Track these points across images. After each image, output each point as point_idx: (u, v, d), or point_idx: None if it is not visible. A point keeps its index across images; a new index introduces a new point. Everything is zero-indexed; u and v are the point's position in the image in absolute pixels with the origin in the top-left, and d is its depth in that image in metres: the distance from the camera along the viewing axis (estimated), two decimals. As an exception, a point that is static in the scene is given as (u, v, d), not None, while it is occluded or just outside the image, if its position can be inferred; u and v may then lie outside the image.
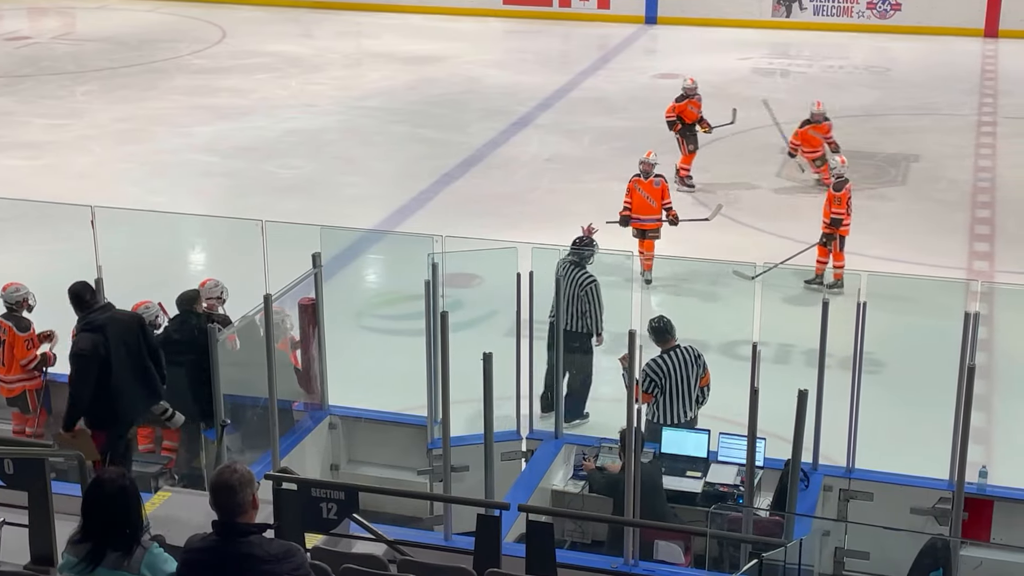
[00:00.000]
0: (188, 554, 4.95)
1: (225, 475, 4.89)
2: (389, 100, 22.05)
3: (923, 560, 7.14)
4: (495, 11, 29.31)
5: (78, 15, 30.13)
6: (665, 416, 9.45)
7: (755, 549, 7.06)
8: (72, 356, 8.30)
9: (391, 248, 14.97)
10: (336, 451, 9.82)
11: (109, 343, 8.17)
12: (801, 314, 9.73)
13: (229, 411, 8.55)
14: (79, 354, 8.17)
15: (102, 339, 8.16)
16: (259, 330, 8.79)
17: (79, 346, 8.21)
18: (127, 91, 22.55)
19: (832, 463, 8.92)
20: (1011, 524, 8.44)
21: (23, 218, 14.88)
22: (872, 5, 27.67)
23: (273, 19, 29.19)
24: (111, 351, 8.16)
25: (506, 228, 14.61)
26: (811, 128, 16.48)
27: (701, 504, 8.59)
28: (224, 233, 14.21)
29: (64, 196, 14.16)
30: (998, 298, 12.84)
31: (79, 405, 8.18)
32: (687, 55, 25.49)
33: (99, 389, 8.15)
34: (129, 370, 8.26)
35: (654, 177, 13.83)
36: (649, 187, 13.76)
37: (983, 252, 14.93)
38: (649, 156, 13.98)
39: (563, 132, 20.00)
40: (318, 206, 16.09)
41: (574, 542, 8.60)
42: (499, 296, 10.07)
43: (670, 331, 9.53)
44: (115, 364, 8.18)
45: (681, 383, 9.45)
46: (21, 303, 10.00)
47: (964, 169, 18.03)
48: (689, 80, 17.39)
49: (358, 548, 7.18)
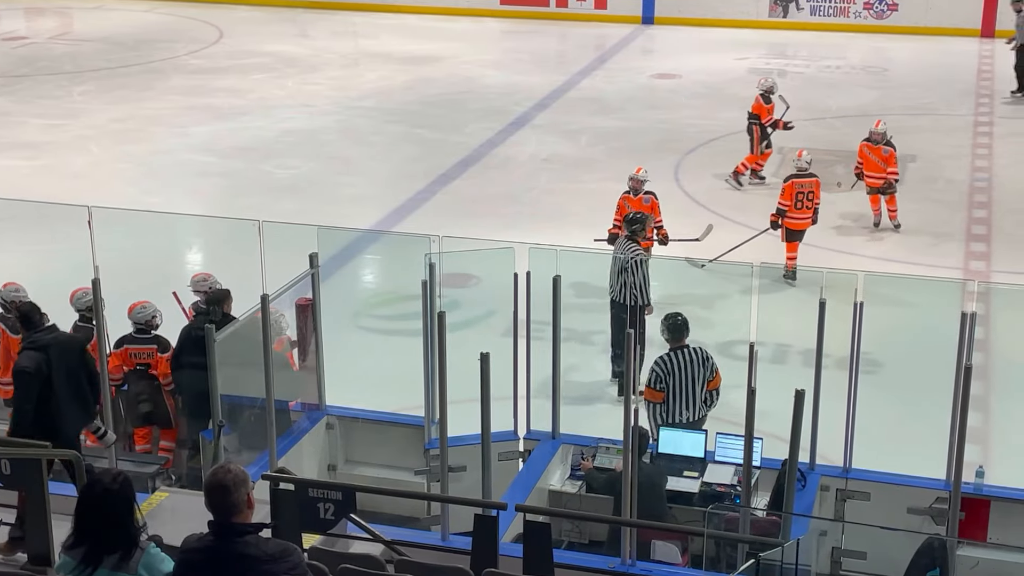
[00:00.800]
0: (185, 554, 4.94)
1: (219, 475, 4.88)
2: (386, 100, 22.05)
3: (920, 560, 7.15)
4: (492, 11, 29.30)
5: (75, 15, 30.11)
6: (670, 415, 9.47)
7: (752, 549, 7.06)
8: (15, 373, 8.38)
9: (388, 248, 14.97)
10: (333, 451, 9.82)
11: (51, 363, 8.25)
12: (798, 314, 9.72)
13: (226, 411, 8.54)
14: (22, 371, 8.27)
15: (44, 358, 8.24)
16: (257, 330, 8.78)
17: (22, 364, 8.30)
18: (124, 91, 22.54)
19: (829, 463, 8.92)
20: (1008, 524, 8.44)
21: (20, 218, 14.86)
22: (869, 5, 27.68)
23: (270, 19, 29.18)
24: (52, 371, 8.24)
25: (503, 228, 14.60)
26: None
27: (698, 504, 8.59)
28: (221, 233, 14.21)
29: (61, 196, 14.16)
30: (995, 298, 12.86)
31: (23, 422, 8.24)
32: (684, 55, 25.50)
33: (40, 405, 8.22)
34: (68, 390, 8.35)
35: (644, 194, 13.04)
36: (638, 204, 12.89)
37: (980, 252, 14.94)
38: (639, 172, 13.19)
39: (560, 132, 20.00)
40: (315, 206, 16.09)
41: (571, 542, 8.59)
42: (496, 296, 10.07)
43: (685, 329, 9.54)
44: (56, 383, 8.29)
45: (686, 382, 9.44)
46: (15, 304, 9.96)
47: (961, 169, 18.05)
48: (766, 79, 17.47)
49: (355, 548, 7.18)
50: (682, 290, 13.09)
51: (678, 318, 9.61)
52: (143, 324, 9.83)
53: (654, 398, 9.52)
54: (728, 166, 17.45)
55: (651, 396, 9.55)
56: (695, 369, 9.47)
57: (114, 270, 9.47)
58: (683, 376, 9.45)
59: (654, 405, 9.55)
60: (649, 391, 9.56)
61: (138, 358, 9.82)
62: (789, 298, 13.17)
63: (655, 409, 9.56)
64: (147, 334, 9.84)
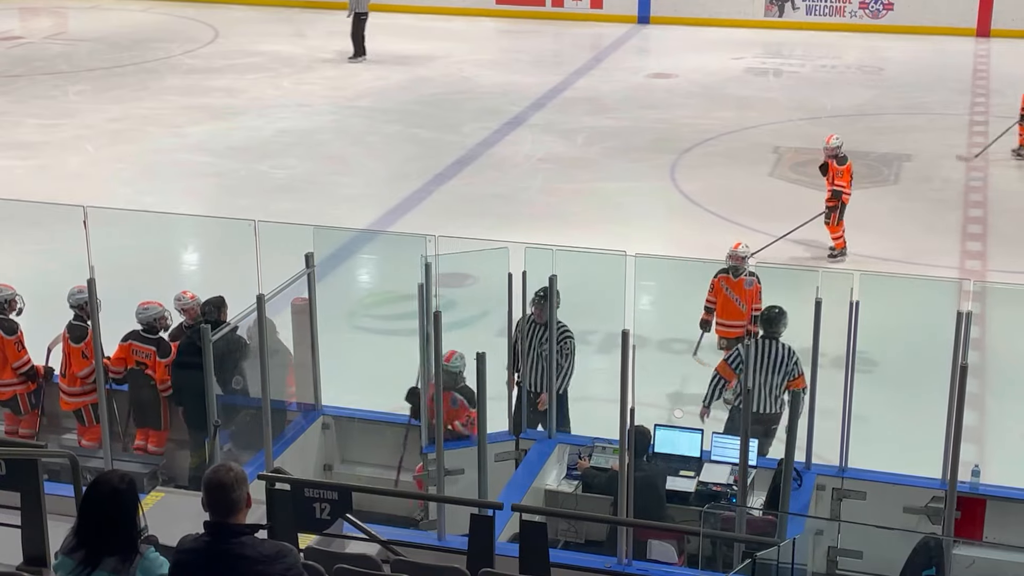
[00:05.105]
0: (180, 555, 4.93)
1: (220, 473, 4.88)
2: (382, 100, 22.04)
3: (916, 559, 7.16)
4: (488, 11, 29.30)
5: (70, 15, 30.07)
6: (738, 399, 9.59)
7: (748, 548, 7.06)
8: None
9: (384, 248, 14.96)
10: (329, 451, 9.82)
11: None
12: (794, 313, 9.72)
13: (221, 411, 8.54)
14: None
15: None
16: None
17: None
18: (120, 91, 22.51)
19: (825, 462, 8.93)
20: (1003, 523, 8.45)
21: (16, 218, 14.85)
22: (864, 5, 27.70)
23: (266, 19, 29.16)
24: None
25: (500, 228, 14.59)
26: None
27: (694, 503, 8.59)
28: (217, 233, 14.20)
29: (57, 196, 14.14)
30: (990, 297, 12.88)
31: None
32: (680, 55, 25.52)
33: None
34: None
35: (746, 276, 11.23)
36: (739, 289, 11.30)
37: (975, 251, 14.95)
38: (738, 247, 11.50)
39: (556, 132, 20.00)
40: (311, 206, 16.08)
41: (568, 542, 8.60)
42: (491, 296, 10.06)
43: (778, 323, 9.57)
44: None
45: (763, 373, 9.50)
46: (9, 304, 9.96)
47: (957, 168, 18.06)
48: None
49: (351, 548, 7.17)
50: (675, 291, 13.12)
51: (775, 310, 9.65)
52: (146, 324, 9.81)
53: (726, 375, 9.69)
54: (727, 166, 17.45)
55: (723, 371, 9.73)
56: (774, 363, 9.52)
57: (110, 270, 9.48)
58: (760, 366, 9.51)
59: (723, 381, 9.70)
60: (724, 365, 9.75)
61: (138, 356, 9.81)
62: (788, 298, 13.16)
63: (722, 384, 9.70)
64: (152, 334, 9.83)
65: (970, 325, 8.21)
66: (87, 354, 9.62)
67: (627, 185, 17.33)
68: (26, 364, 9.97)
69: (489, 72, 24.12)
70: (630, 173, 17.82)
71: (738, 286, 11.25)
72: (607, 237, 13.92)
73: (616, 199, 16.63)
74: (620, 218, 15.73)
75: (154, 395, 9.79)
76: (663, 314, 12.94)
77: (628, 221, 15.63)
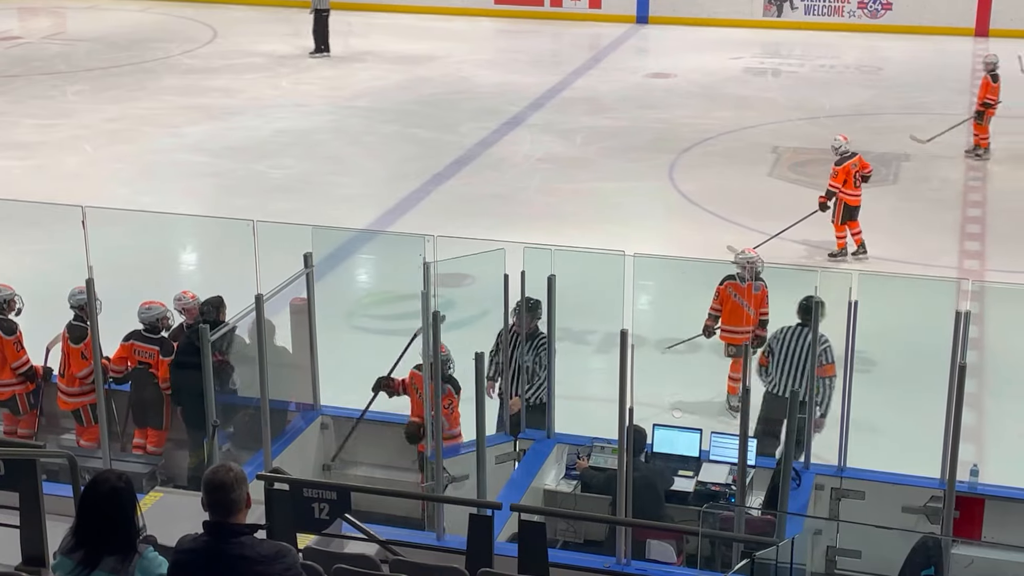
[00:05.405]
0: (179, 555, 4.93)
1: (220, 473, 4.88)
2: (380, 100, 22.04)
3: (915, 558, 7.15)
4: (486, 11, 29.30)
5: (69, 15, 30.07)
6: (771, 382, 9.86)
7: (747, 548, 7.06)
8: None
9: (382, 248, 14.95)
10: (328, 451, 9.81)
11: None
12: (793, 313, 9.73)
13: (220, 411, 8.53)
14: None
15: None
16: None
17: None
18: (118, 91, 22.51)
19: (824, 462, 8.93)
20: (1002, 522, 8.45)
21: (14, 218, 14.84)
22: (863, 4, 27.71)
23: (264, 19, 29.16)
24: None
25: (498, 228, 14.60)
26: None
27: (693, 503, 8.59)
28: (215, 233, 14.19)
29: (55, 196, 14.14)
30: (989, 297, 12.87)
31: None
32: (678, 55, 25.52)
33: None
34: None
35: (755, 282, 10.96)
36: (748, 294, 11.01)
37: (974, 251, 14.95)
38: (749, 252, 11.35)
39: (555, 132, 20.00)
40: (309, 206, 16.07)
41: (566, 542, 8.59)
42: (490, 296, 10.06)
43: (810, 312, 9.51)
44: None
45: (791, 358, 9.75)
46: (8, 304, 9.95)
47: (955, 168, 18.07)
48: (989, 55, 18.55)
49: (350, 548, 7.16)
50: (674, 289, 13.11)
51: (811, 299, 9.63)
52: (149, 324, 9.80)
53: (760, 363, 9.98)
54: (726, 165, 17.46)
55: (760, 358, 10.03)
56: (801, 347, 9.66)
57: (108, 270, 9.47)
58: (790, 350, 9.75)
59: (761, 368, 9.98)
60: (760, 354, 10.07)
61: (140, 356, 9.81)
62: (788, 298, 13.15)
63: (762, 371, 9.97)
64: (154, 334, 9.82)
65: (968, 325, 8.21)
66: (87, 355, 9.61)
67: (626, 185, 17.33)
68: (25, 364, 9.96)
69: (488, 72, 24.12)
70: (629, 173, 17.83)
71: (747, 291, 11.07)
72: (606, 237, 13.93)
73: (615, 199, 16.63)
74: (619, 218, 15.73)
75: (158, 394, 9.79)
76: (662, 314, 12.92)
77: (627, 221, 15.63)
